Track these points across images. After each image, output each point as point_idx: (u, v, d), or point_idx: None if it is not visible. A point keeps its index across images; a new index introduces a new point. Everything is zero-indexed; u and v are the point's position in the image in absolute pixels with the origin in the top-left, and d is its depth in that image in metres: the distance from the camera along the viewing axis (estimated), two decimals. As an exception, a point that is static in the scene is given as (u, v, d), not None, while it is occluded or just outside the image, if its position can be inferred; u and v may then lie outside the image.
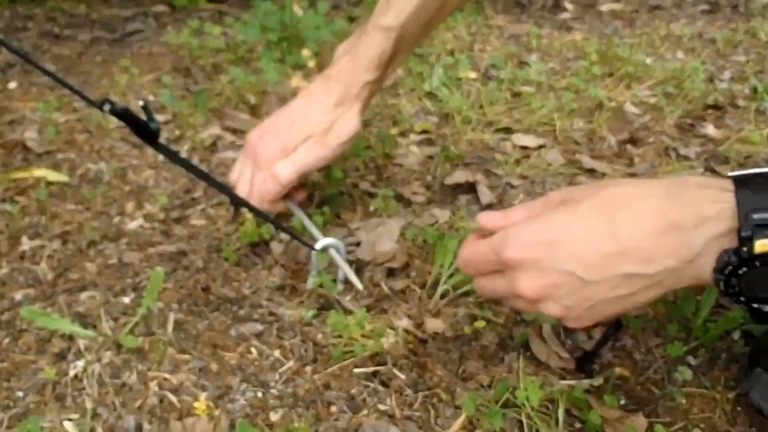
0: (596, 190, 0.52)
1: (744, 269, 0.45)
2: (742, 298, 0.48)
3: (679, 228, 0.47)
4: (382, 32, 0.78)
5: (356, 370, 0.69)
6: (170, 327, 0.73)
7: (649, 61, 1.49)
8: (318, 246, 0.77)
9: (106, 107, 0.56)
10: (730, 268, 0.46)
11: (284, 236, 0.88)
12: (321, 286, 0.78)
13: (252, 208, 0.77)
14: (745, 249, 0.45)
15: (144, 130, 0.60)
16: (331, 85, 0.79)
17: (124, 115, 0.57)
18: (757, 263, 0.45)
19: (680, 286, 0.50)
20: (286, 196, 0.83)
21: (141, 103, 0.60)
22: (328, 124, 0.79)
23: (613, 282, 0.50)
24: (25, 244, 0.87)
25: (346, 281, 0.79)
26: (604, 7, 1.91)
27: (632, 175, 1.06)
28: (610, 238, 0.49)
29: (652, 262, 0.48)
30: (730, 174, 0.47)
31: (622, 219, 0.49)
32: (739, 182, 0.46)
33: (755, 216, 0.44)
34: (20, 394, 0.66)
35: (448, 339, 0.74)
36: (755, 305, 0.48)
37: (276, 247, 0.86)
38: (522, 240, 0.53)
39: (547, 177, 1.06)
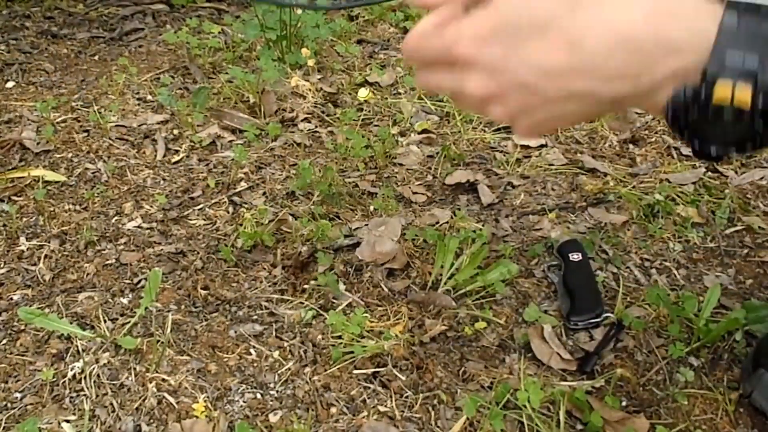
0: None
1: (696, 115, 0.42)
2: (686, 135, 0.44)
3: (646, 53, 0.43)
4: None
5: (356, 372, 0.68)
6: (169, 328, 0.73)
7: (650, 60, 1.48)
8: None
9: None
10: (683, 109, 0.42)
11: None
12: (325, 285, 0.77)
13: None
14: (703, 95, 0.41)
15: None
16: None
17: None
18: (710, 113, 0.42)
19: (632, 107, 0.46)
20: None
21: None
22: None
23: (564, 96, 0.47)
24: (23, 244, 0.86)
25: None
26: (605, 6, 1.90)
27: (634, 176, 1.06)
28: (569, 50, 0.45)
29: (608, 83, 0.45)
30: None
31: (585, 29, 0.44)
32: (733, 4, 0.42)
33: (729, 57, 0.40)
34: (18, 395, 0.65)
35: (448, 340, 0.73)
36: (700, 145, 0.44)
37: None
38: (479, 35, 0.47)
39: (548, 177, 1.05)
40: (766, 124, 0.41)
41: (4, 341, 0.71)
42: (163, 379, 0.66)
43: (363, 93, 1.27)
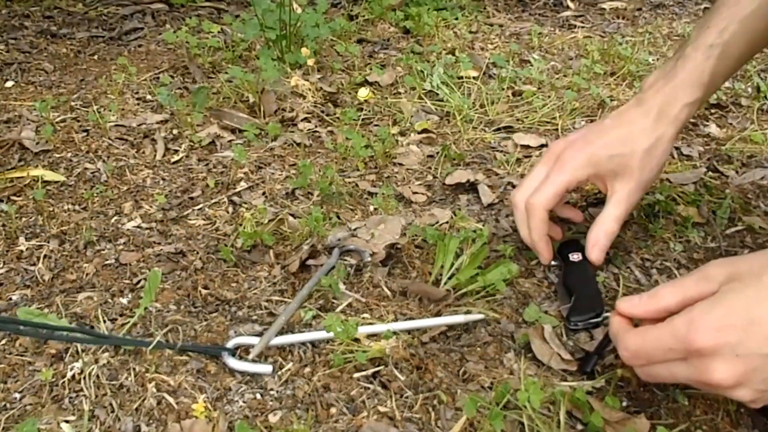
0: None
1: None
2: None
3: None
4: (702, 51, 0.73)
5: (356, 372, 0.68)
6: (168, 328, 0.73)
7: (651, 59, 1.48)
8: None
9: None
10: None
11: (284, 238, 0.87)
12: (330, 286, 0.77)
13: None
14: None
15: None
16: (647, 107, 0.75)
17: None
18: None
19: None
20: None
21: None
22: (644, 145, 0.74)
23: None
24: (22, 244, 0.86)
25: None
26: (606, 5, 1.90)
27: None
28: None
29: None
30: None
31: None
32: None
33: None
34: (17, 395, 0.65)
35: (448, 340, 0.73)
36: None
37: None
38: (713, 324, 0.50)
39: (548, 176, 1.05)
40: None
41: (4, 341, 0.71)
42: (163, 380, 0.66)
43: (363, 93, 1.27)
